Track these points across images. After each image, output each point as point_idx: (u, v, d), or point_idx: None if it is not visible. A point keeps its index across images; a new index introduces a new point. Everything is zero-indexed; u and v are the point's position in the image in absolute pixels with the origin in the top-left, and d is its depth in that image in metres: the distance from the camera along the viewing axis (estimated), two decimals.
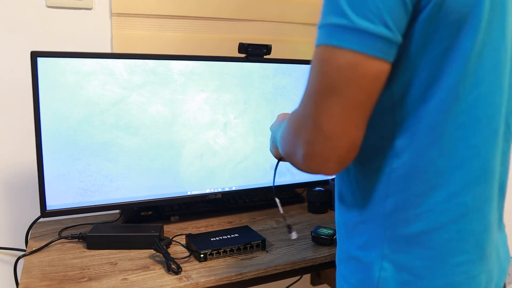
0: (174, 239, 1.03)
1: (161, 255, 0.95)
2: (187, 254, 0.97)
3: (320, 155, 0.54)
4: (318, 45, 0.53)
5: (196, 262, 0.94)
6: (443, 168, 0.57)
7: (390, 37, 0.51)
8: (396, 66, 0.55)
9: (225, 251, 0.96)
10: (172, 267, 0.89)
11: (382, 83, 0.53)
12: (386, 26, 0.50)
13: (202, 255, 0.94)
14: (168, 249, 0.96)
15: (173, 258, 0.91)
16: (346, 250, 0.66)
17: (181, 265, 0.90)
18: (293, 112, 0.60)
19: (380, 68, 0.51)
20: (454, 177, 0.57)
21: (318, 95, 0.53)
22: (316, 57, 0.53)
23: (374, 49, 0.50)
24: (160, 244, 0.95)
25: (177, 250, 0.99)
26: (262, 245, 1.00)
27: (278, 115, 0.84)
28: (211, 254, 0.95)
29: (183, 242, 1.03)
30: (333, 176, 1.31)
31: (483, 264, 0.61)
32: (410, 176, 0.58)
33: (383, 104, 0.58)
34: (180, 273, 0.89)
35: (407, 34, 0.54)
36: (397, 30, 0.51)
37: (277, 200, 0.86)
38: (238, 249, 0.97)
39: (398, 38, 0.52)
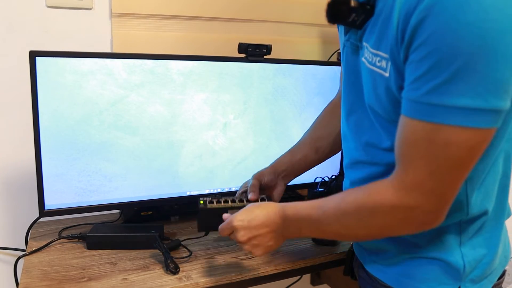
0: (173, 238, 1.03)
1: (161, 254, 0.95)
2: (187, 254, 0.97)
3: (439, 219, 0.61)
4: (443, 124, 0.54)
5: (196, 262, 0.94)
6: None
7: (508, 107, 0.54)
8: None
9: (226, 201, 0.90)
10: (170, 266, 0.89)
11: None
12: (510, 98, 0.54)
13: (201, 202, 0.89)
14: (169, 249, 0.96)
15: (173, 258, 0.91)
16: None
17: (180, 266, 0.90)
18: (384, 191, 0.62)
19: (494, 132, 0.56)
20: None
21: (450, 174, 0.57)
22: (446, 138, 0.54)
23: (496, 122, 0.54)
24: (161, 243, 0.94)
25: (177, 250, 0.99)
26: (267, 200, 0.93)
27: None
28: (211, 202, 0.89)
29: (184, 243, 1.02)
30: (333, 176, 1.31)
31: None
32: None
33: None
34: (178, 273, 0.89)
35: None
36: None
37: None
38: (241, 200, 0.91)
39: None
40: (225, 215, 0.83)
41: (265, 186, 0.97)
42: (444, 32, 0.51)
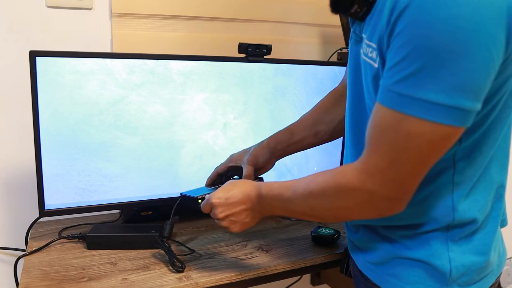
0: (174, 239, 1.03)
1: (163, 254, 0.95)
2: (188, 253, 0.97)
3: (399, 207, 0.63)
4: (407, 114, 0.55)
5: (196, 262, 0.94)
6: None
7: (478, 108, 0.55)
8: None
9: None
10: (176, 264, 0.89)
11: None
12: (479, 101, 0.54)
13: (199, 200, 0.90)
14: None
15: (176, 255, 0.91)
16: None
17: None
18: (353, 173, 0.63)
19: (460, 132, 0.57)
20: None
21: (410, 165, 0.58)
22: (409, 129, 0.55)
23: (465, 121, 0.55)
24: (163, 241, 0.94)
25: (177, 250, 0.99)
26: None
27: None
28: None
29: (184, 241, 1.02)
30: None
31: None
32: None
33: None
34: (184, 271, 0.89)
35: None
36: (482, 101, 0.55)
37: None
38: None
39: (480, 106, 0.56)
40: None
41: (259, 167, 0.98)
42: (418, 24, 0.52)
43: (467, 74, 0.52)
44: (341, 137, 1.12)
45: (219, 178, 1.01)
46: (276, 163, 1.01)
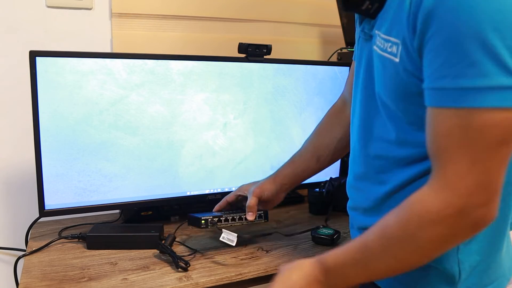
0: (176, 237, 1.03)
1: (163, 254, 0.95)
2: (188, 253, 0.97)
3: (492, 212, 0.55)
4: (476, 108, 0.51)
5: (196, 262, 0.93)
6: None
7: None
8: None
9: (226, 219, 0.97)
10: (180, 264, 0.89)
11: None
12: None
13: (203, 221, 0.94)
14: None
15: (180, 256, 0.91)
16: None
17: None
18: (429, 199, 0.56)
19: None
20: None
21: (493, 161, 0.53)
22: (481, 122, 0.51)
23: None
24: (164, 244, 0.94)
25: (178, 250, 0.99)
26: (265, 216, 1.01)
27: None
28: (213, 222, 0.95)
29: (184, 241, 1.02)
30: (334, 177, 1.31)
31: None
32: None
33: None
34: (188, 270, 0.89)
35: None
36: None
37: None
38: (240, 218, 0.98)
39: None
40: None
41: (265, 200, 0.99)
42: (458, 14, 0.49)
43: None
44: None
45: (227, 206, 1.04)
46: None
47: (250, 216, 0.95)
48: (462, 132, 0.52)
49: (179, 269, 0.89)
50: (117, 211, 1.21)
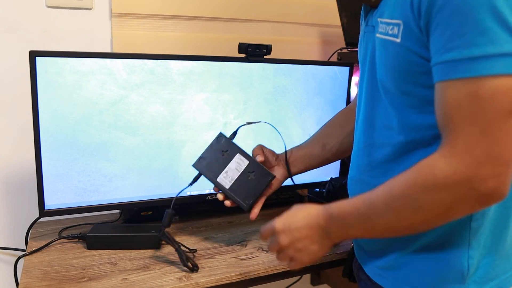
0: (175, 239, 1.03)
1: (163, 254, 0.95)
2: (188, 253, 0.97)
3: (503, 186, 0.54)
4: (485, 76, 0.51)
5: (196, 262, 0.93)
6: None
7: None
8: None
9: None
10: (188, 265, 0.89)
11: None
12: None
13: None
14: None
15: (189, 258, 0.91)
16: None
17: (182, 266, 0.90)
18: (439, 165, 0.56)
19: None
20: None
21: (503, 130, 0.52)
22: (491, 90, 0.51)
23: None
24: (172, 238, 0.94)
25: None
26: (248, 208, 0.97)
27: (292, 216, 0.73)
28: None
29: (184, 241, 1.02)
30: (334, 177, 1.31)
31: None
32: None
33: None
34: (197, 271, 0.89)
35: None
36: None
37: None
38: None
39: None
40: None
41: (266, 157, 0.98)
42: None
43: None
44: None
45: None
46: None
47: (260, 157, 0.96)
48: (471, 101, 0.52)
49: (188, 263, 0.89)
50: (117, 211, 1.21)
